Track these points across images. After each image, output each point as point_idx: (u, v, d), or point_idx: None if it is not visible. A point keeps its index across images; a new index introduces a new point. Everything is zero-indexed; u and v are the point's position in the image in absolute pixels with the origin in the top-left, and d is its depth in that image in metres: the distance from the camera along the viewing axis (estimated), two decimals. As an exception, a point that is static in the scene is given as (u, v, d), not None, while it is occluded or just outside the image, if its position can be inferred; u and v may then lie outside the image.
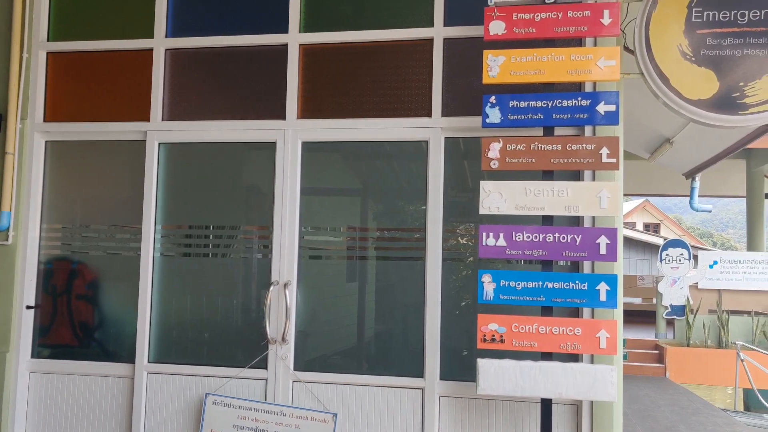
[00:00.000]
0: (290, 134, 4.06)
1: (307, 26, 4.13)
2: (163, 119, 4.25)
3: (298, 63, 4.10)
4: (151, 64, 4.26)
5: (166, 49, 4.27)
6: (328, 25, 4.11)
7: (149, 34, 4.29)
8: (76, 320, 4.30)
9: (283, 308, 3.93)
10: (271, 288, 3.96)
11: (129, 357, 4.15)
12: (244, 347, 4.04)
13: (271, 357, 3.96)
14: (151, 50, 4.27)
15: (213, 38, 4.22)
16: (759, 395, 9.19)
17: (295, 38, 4.10)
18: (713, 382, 10.99)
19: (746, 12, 3.41)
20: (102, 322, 4.28)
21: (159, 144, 4.23)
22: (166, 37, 4.27)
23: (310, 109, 4.09)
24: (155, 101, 4.24)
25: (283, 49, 4.12)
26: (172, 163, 4.25)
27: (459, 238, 3.91)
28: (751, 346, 10.11)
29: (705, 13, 3.45)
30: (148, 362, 4.12)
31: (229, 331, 4.12)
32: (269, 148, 4.09)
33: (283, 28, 4.12)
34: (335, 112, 4.07)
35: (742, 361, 9.64)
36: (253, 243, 4.14)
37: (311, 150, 4.08)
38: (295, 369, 3.95)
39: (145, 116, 4.26)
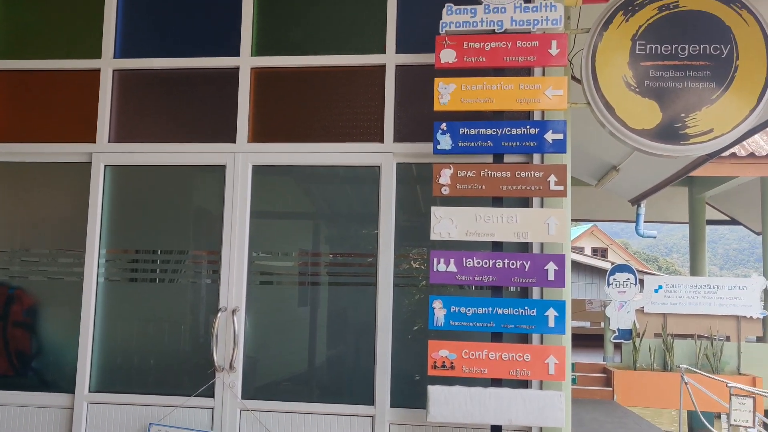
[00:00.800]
0: (240, 158, 4.01)
1: (259, 50, 4.11)
2: (109, 141, 4.15)
3: (249, 86, 4.06)
4: (98, 85, 4.16)
5: (114, 70, 4.18)
6: (281, 49, 4.09)
7: (96, 54, 4.20)
8: (13, 348, 4.12)
9: (231, 335, 3.85)
10: (219, 314, 3.87)
11: (68, 387, 3.99)
12: (191, 375, 3.93)
13: (218, 385, 3.86)
14: (98, 71, 4.18)
15: (163, 60, 4.16)
16: (702, 417, 9.38)
17: (246, 62, 4.08)
18: (659, 404, 11.18)
19: (686, 46, 3.53)
20: (40, 350, 4.11)
21: (105, 166, 4.12)
22: (114, 57, 4.19)
23: (261, 133, 4.06)
24: (102, 123, 4.14)
25: (235, 72, 4.08)
26: (119, 186, 4.15)
27: (412, 263, 3.90)
28: (695, 369, 10.34)
29: (648, 46, 3.56)
30: (89, 392, 3.97)
31: (176, 358, 4.01)
32: (219, 171, 4.03)
33: (235, 52, 4.09)
34: (287, 136, 4.04)
35: (686, 384, 9.84)
36: (201, 268, 4.05)
37: (262, 174, 4.04)
38: (243, 397, 3.86)
39: (90, 138, 4.15)
